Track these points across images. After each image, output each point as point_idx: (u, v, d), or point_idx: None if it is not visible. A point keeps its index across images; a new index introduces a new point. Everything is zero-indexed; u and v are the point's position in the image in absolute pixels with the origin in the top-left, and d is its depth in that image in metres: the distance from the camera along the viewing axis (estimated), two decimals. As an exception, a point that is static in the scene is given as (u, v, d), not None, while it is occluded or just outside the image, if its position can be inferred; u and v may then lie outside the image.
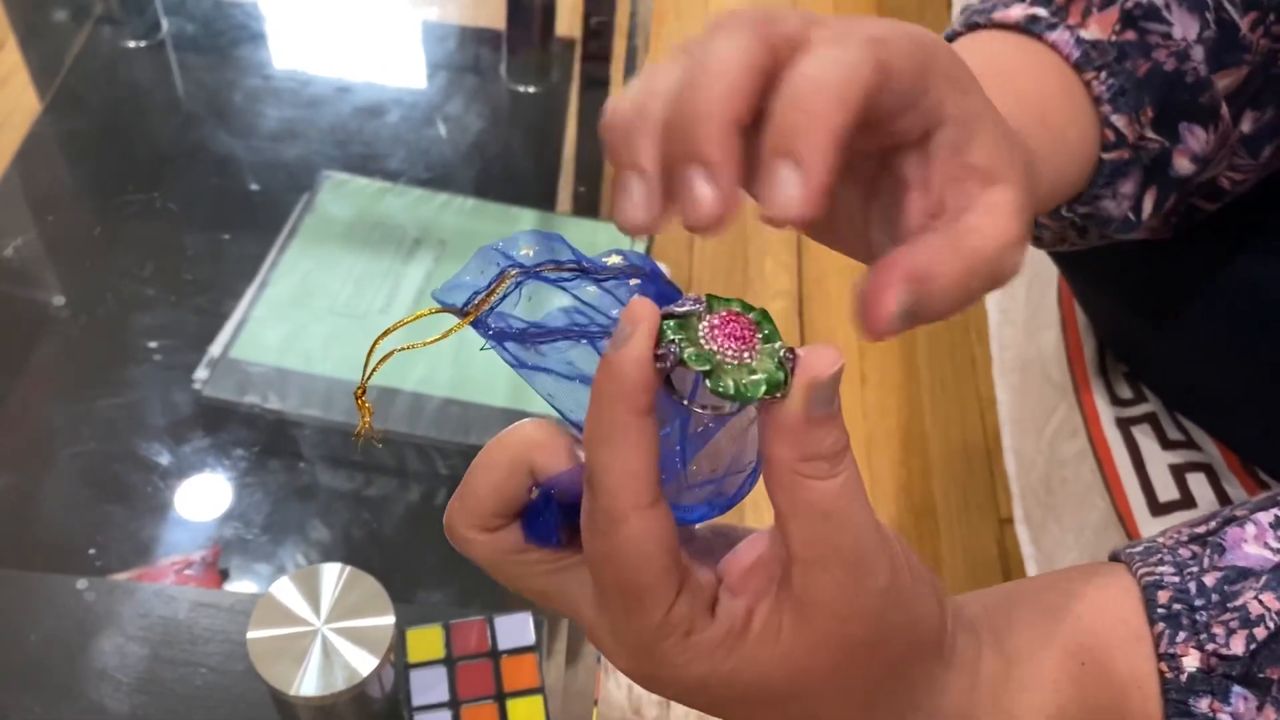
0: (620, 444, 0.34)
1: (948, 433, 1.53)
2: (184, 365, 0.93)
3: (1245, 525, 0.43)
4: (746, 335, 0.34)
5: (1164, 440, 0.80)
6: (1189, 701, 0.40)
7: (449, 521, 0.38)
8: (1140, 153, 0.52)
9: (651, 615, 0.35)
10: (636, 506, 0.34)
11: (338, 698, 0.63)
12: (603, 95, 1.19)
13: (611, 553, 0.35)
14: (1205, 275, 0.70)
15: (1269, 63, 0.55)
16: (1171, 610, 0.41)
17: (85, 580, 0.77)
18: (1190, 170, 0.53)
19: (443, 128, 1.14)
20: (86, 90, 1.16)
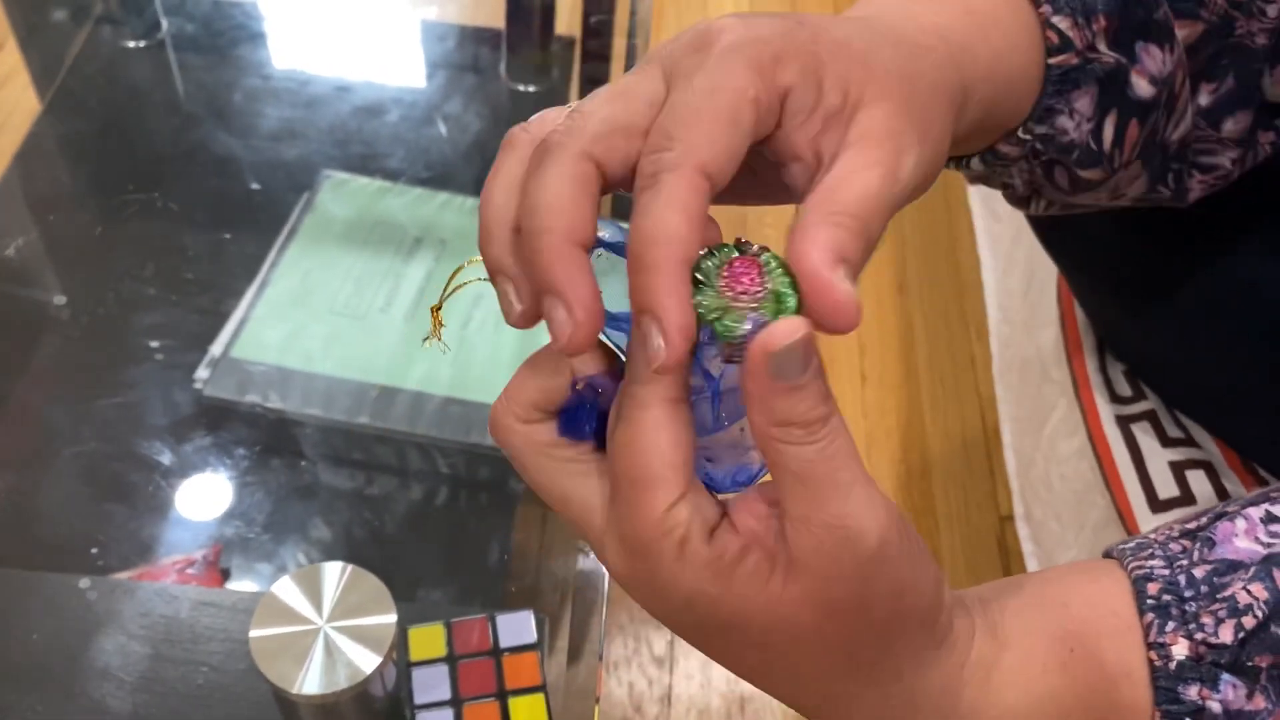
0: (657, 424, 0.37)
1: (947, 431, 1.54)
2: (185, 365, 0.93)
3: (1236, 520, 0.44)
4: (756, 274, 0.36)
5: (1164, 438, 0.80)
6: (1178, 689, 0.41)
7: (493, 414, 0.40)
8: (1091, 63, 0.50)
9: (653, 506, 0.37)
10: (665, 399, 0.37)
11: (340, 696, 0.63)
12: (602, 94, 1.18)
13: (629, 438, 0.37)
14: (1204, 274, 0.70)
15: (1225, 29, 0.54)
16: (1161, 601, 0.42)
17: (87, 579, 0.77)
18: (1150, 93, 0.52)
19: (443, 127, 1.14)
20: (86, 90, 1.16)
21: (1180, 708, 0.41)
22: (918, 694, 0.40)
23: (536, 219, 0.36)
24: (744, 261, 0.36)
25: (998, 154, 0.52)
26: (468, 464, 0.90)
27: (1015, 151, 0.52)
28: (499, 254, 0.38)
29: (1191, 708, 0.40)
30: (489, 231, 0.39)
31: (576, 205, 0.36)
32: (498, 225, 0.38)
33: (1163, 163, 0.56)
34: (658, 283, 0.35)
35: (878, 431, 1.53)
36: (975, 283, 1.26)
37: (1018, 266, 1.05)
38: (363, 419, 0.90)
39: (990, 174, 0.55)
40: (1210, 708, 0.40)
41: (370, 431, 0.90)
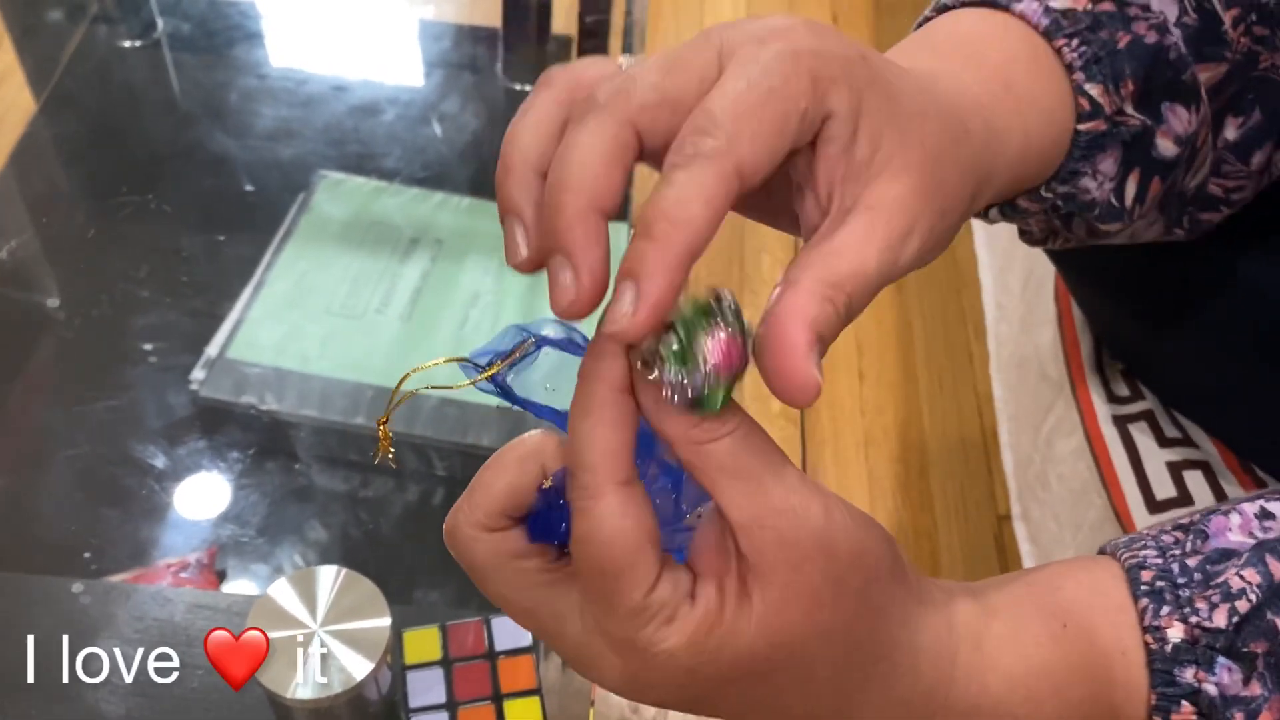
0: (601, 417, 0.36)
1: (945, 430, 1.53)
2: (180, 366, 0.93)
3: (1230, 515, 0.44)
4: (738, 353, 0.36)
5: (1161, 438, 0.80)
6: (1173, 672, 0.41)
7: (453, 523, 0.39)
8: (1119, 127, 0.50)
9: (631, 595, 0.36)
10: (614, 482, 0.36)
11: (334, 700, 0.63)
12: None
13: (590, 530, 0.36)
14: (1202, 274, 0.70)
15: (1249, 65, 0.54)
16: (1154, 587, 0.42)
17: (81, 584, 0.77)
18: (1174, 152, 0.52)
19: (439, 126, 1.14)
20: (82, 90, 1.16)
21: (1176, 690, 0.41)
22: (918, 658, 0.40)
23: (567, 176, 0.35)
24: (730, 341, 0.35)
25: (1017, 208, 0.52)
26: (464, 465, 0.90)
27: (1035, 207, 0.52)
28: (517, 195, 0.37)
29: (1187, 690, 0.41)
30: (509, 168, 0.37)
31: (609, 172, 0.35)
32: (521, 164, 0.37)
33: (1180, 209, 0.56)
34: (659, 257, 0.34)
35: (875, 430, 1.52)
36: (973, 281, 1.26)
37: (1015, 265, 1.04)
38: (359, 420, 0.90)
39: (1007, 220, 0.55)
40: (1206, 690, 0.40)
41: (366, 433, 0.90)
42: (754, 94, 0.36)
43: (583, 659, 0.39)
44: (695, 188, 0.35)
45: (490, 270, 1.01)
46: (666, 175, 0.35)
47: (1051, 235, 0.57)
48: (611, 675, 0.38)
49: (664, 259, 0.34)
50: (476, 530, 0.38)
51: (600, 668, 0.38)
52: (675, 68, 0.37)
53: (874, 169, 0.38)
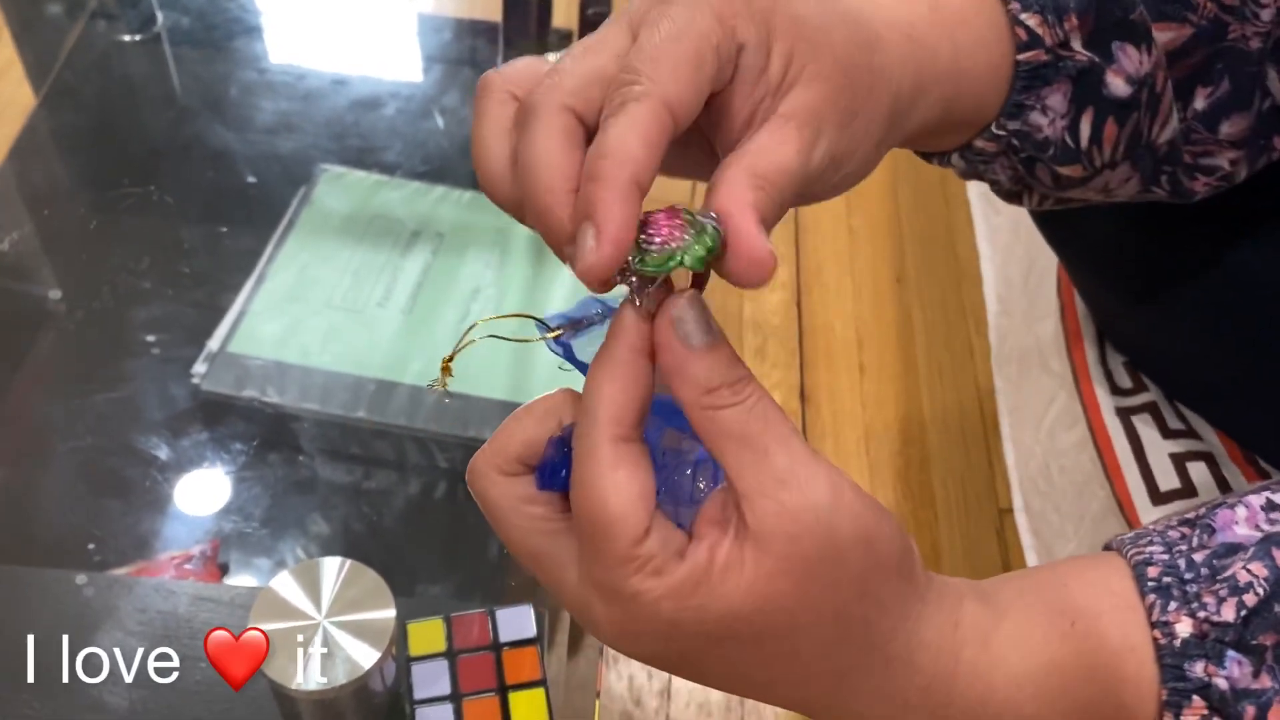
0: (610, 374, 0.38)
1: (946, 422, 1.53)
2: (182, 359, 0.93)
3: (1236, 508, 0.44)
4: (679, 222, 0.38)
5: (1164, 429, 0.80)
6: (1183, 666, 0.41)
7: (474, 464, 0.41)
8: (1063, 61, 0.51)
9: (619, 543, 0.37)
10: (614, 438, 0.37)
11: (339, 691, 0.63)
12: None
13: (586, 478, 0.37)
14: (1205, 265, 0.70)
15: (1217, 33, 0.54)
16: (1161, 583, 0.42)
17: (84, 576, 0.76)
18: (1126, 92, 0.52)
19: (440, 120, 1.14)
20: (82, 84, 1.16)
21: (1187, 684, 0.41)
22: (915, 653, 0.40)
23: (533, 178, 0.38)
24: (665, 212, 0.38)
25: (974, 149, 0.53)
26: (466, 458, 0.89)
27: (992, 147, 0.53)
28: (504, 198, 0.41)
29: (1198, 684, 0.40)
30: (489, 179, 0.41)
31: (567, 157, 0.38)
32: (497, 170, 0.41)
33: (1153, 165, 0.56)
34: (604, 193, 0.36)
35: (876, 424, 1.53)
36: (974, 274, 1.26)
37: (1017, 257, 1.05)
38: (360, 413, 0.90)
39: (975, 170, 0.55)
40: (1217, 684, 0.40)
41: (368, 426, 0.90)
42: (665, 39, 0.38)
43: (577, 607, 0.40)
44: (629, 125, 0.37)
45: (491, 263, 1.01)
46: (603, 125, 0.38)
47: (1023, 188, 0.57)
48: (602, 624, 0.39)
49: (612, 194, 0.36)
50: (493, 472, 0.40)
51: (593, 617, 0.39)
52: (593, 49, 0.40)
53: (786, 84, 0.41)
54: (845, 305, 1.64)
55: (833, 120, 0.41)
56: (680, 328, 0.37)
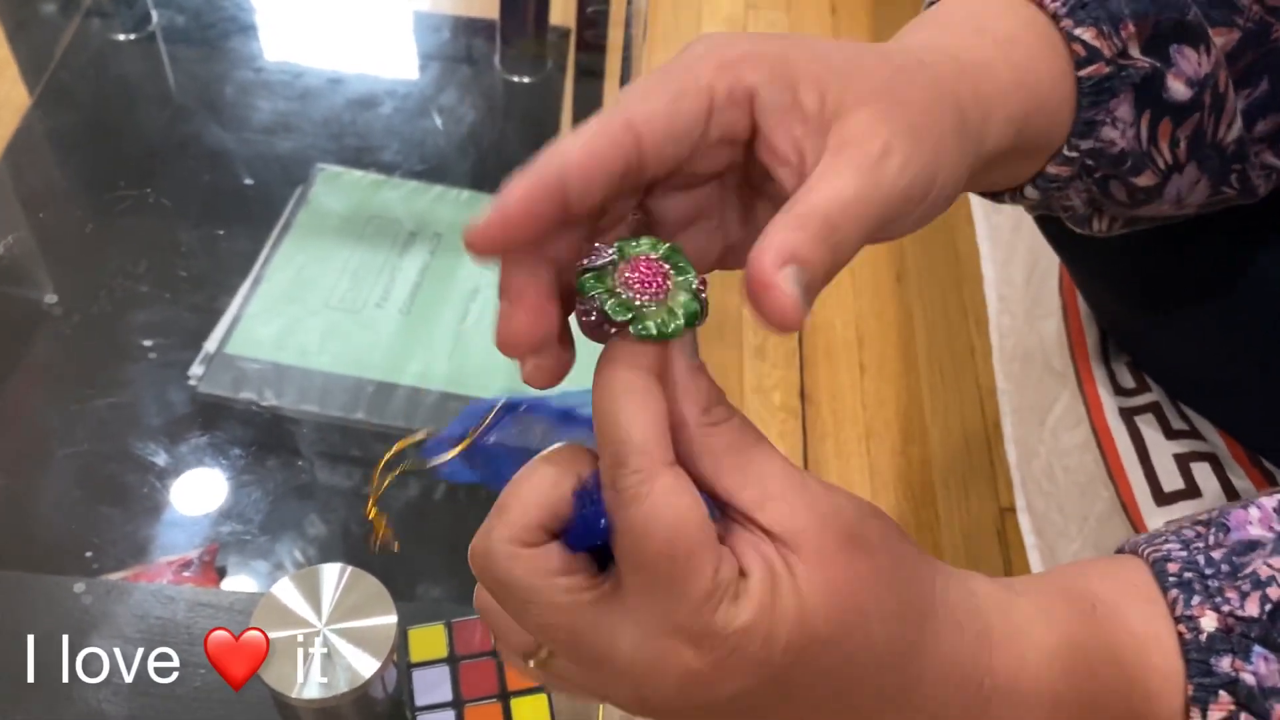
0: (641, 400, 0.36)
1: (947, 422, 1.53)
2: (179, 362, 0.93)
3: (1249, 509, 0.43)
4: (660, 276, 0.37)
5: (1168, 430, 0.80)
6: (1210, 661, 0.40)
7: (485, 544, 0.37)
8: (1124, 69, 0.50)
9: (702, 577, 0.35)
10: (665, 461, 0.36)
11: (340, 699, 0.63)
12: (598, 85, 1.19)
13: (650, 514, 0.35)
14: (1209, 265, 0.70)
15: (1262, 36, 0.53)
16: (1183, 578, 0.41)
17: (83, 583, 0.76)
18: (1186, 95, 0.51)
19: (437, 119, 1.14)
20: (76, 84, 1.15)
21: (1214, 680, 0.40)
22: (956, 612, 0.39)
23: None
24: (648, 263, 0.37)
25: (1049, 176, 0.51)
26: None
27: (1066, 171, 0.51)
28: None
29: (1225, 680, 0.40)
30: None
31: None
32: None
33: (1222, 164, 0.55)
34: (522, 180, 0.37)
35: (876, 423, 1.52)
36: (975, 273, 1.26)
37: (1018, 256, 1.04)
38: (359, 415, 0.90)
39: (1049, 199, 0.54)
40: (1244, 680, 0.40)
41: (367, 428, 0.90)
42: (650, 77, 0.39)
43: (639, 674, 0.37)
44: (577, 135, 0.37)
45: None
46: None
47: (1095, 211, 0.56)
48: (682, 674, 0.36)
49: (526, 181, 0.36)
50: (514, 547, 0.37)
51: (664, 674, 0.36)
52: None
53: (828, 113, 0.39)
54: (846, 304, 1.64)
55: (903, 136, 0.40)
56: (684, 347, 0.37)
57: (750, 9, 2.01)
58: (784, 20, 2.01)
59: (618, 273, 0.37)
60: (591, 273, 0.37)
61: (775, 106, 0.39)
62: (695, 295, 0.37)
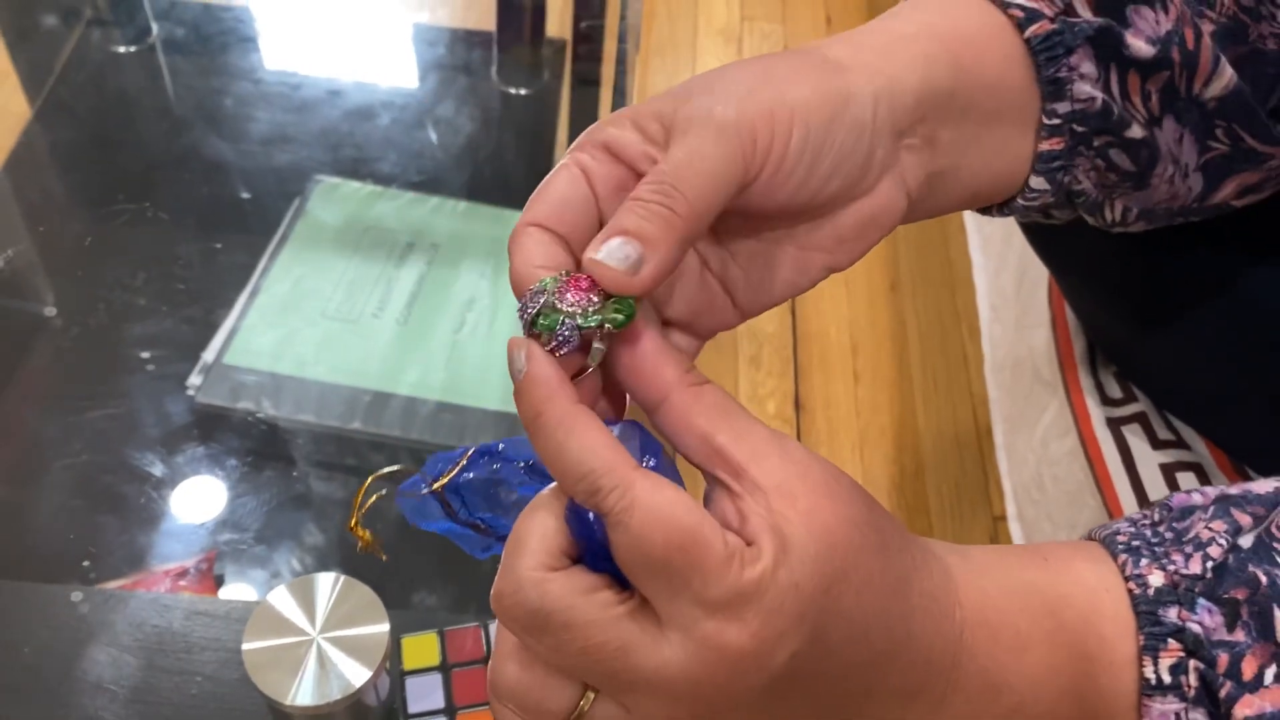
0: (581, 427, 0.37)
1: (940, 430, 1.54)
2: (177, 373, 0.93)
3: (1192, 494, 0.45)
4: (589, 285, 0.39)
5: (1154, 440, 0.80)
6: (1158, 612, 0.41)
7: (511, 579, 0.38)
8: (1076, 25, 0.50)
9: (715, 550, 0.36)
10: (631, 467, 0.37)
11: (333, 707, 0.63)
12: (594, 96, 1.19)
13: (644, 519, 0.36)
14: (1194, 276, 0.70)
15: (1238, 35, 0.53)
16: (1131, 545, 0.43)
17: (79, 592, 0.77)
18: (1149, 52, 0.51)
19: (434, 131, 1.15)
20: (76, 96, 1.16)
21: (1162, 629, 0.41)
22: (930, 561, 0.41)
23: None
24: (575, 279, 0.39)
25: (1045, 155, 0.51)
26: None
27: (1059, 144, 0.51)
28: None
29: (1172, 628, 0.41)
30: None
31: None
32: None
33: (1203, 119, 0.54)
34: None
35: (870, 430, 1.53)
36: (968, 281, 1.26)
37: (1009, 266, 1.05)
38: (355, 425, 0.91)
39: (1059, 186, 0.53)
40: (1190, 629, 0.41)
41: (363, 437, 0.90)
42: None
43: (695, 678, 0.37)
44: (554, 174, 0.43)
45: (485, 274, 1.01)
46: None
47: (1107, 196, 0.55)
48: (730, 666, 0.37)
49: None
50: (543, 573, 0.37)
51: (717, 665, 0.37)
52: None
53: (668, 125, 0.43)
54: (840, 312, 1.64)
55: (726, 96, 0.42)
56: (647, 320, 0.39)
57: (746, 20, 2.02)
58: (779, 32, 2.01)
59: (559, 295, 0.39)
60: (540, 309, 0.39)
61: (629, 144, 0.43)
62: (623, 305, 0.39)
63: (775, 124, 0.43)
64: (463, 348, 0.96)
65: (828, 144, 0.44)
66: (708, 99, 0.43)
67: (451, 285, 1.00)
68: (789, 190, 0.44)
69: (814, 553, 0.37)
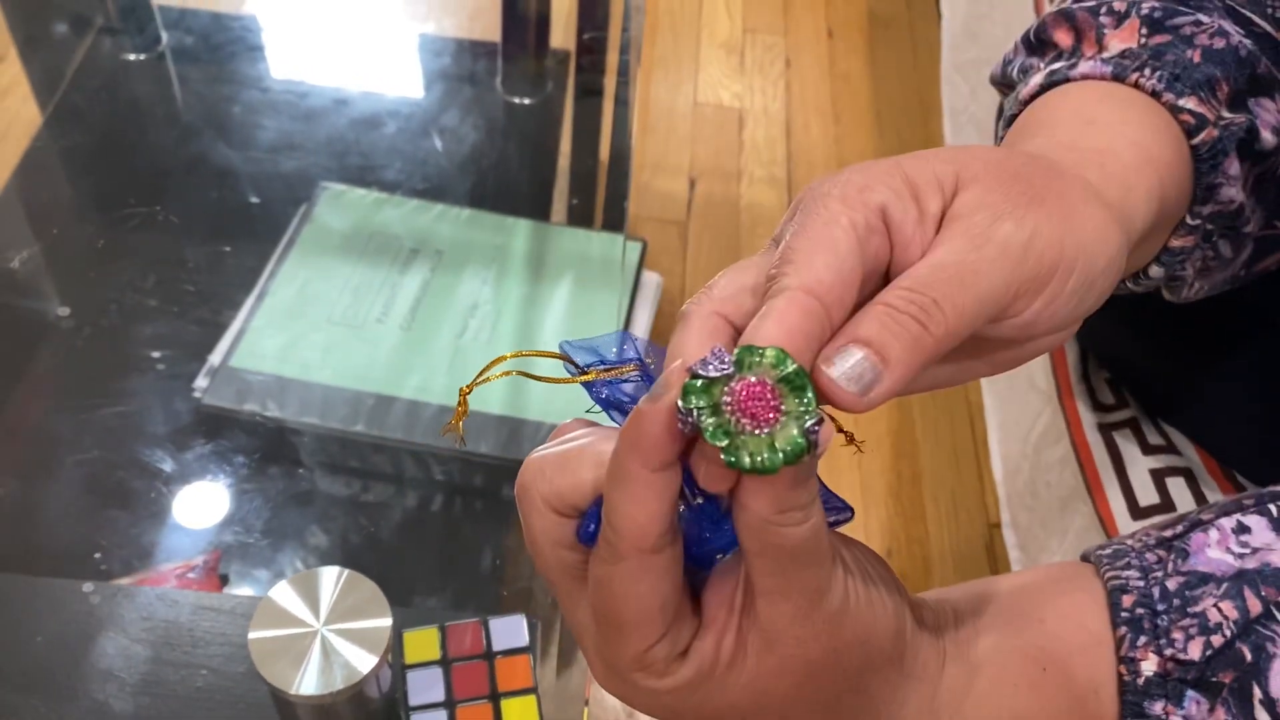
0: (631, 491, 0.35)
1: (938, 438, 1.54)
2: (185, 374, 0.94)
3: (1209, 530, 0.44)
4: (772, 409, 0.33)
5: (1145, 445, 0.81)
6: (1144, 705, 0.41)
7: (528, 481, 0.39)
8: (1228, 128, 0.50)
9: (629, 648, 0.38)
10: (638, 550, 0.36)
11: (336, 697, 0.64)
12: (596, 106, 1.20)
13: (605, 582, 0.37)
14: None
15: None
16: (1135, 614, 0.42)
17: (91, 584, 0.78)
18: (1273, 143, 0.52)
19: (439, 139, 1.15)
20: (87, 103, 1.17)
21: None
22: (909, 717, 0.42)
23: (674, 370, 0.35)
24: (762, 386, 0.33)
25: (1173, 251, 0.51)
26: (462, 471, 0.91)
27: (1190, 242, 0.51)
28: None
29: None
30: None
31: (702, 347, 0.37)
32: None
33: (1277, 197, 0.56)
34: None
35: (868, 439, 1.53)
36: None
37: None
38: (359, 427, 0.91)
39: (1170, 274, 0.54)
40: None
41: (367, 440, 0.91)
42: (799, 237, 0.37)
43: (585, 651, 0.41)
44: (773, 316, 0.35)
45: (489, 280, 1.02)
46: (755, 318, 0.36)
47: (1202, 275, 0.56)
48: (599, 678, 0.41)
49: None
50: (543, 505, 0.38)
51: (593, 667, 0.41)
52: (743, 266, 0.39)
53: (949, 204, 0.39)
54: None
55: (1013, 196, 0.38)
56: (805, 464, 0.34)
57: (748, 33, 2.03)
58: (781, 44, 2.03)
59: (728, 389, 0.33)
60: (700, 380, 0.33)
61: (903, 219, 0.38)
62: (805, 433, 0.33)
63: (1064, 260, 0.39)
64: (465, 353, 0.97)
65: (1098, 289, 0.41)
66: (994, 197, 0.38)
67: (455, 291, 1.01)
68: (1045, 327, 0.40)
69: (723, 704, 0.39)
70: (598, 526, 0.37)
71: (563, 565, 0.39)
